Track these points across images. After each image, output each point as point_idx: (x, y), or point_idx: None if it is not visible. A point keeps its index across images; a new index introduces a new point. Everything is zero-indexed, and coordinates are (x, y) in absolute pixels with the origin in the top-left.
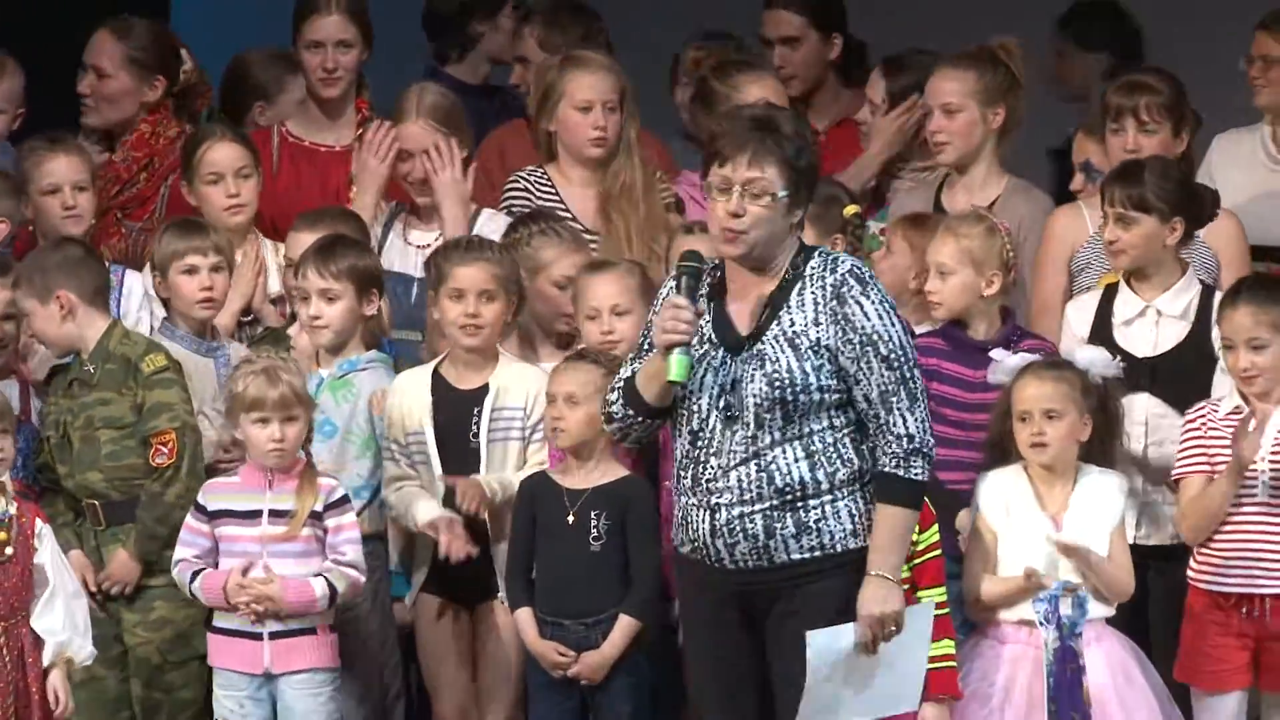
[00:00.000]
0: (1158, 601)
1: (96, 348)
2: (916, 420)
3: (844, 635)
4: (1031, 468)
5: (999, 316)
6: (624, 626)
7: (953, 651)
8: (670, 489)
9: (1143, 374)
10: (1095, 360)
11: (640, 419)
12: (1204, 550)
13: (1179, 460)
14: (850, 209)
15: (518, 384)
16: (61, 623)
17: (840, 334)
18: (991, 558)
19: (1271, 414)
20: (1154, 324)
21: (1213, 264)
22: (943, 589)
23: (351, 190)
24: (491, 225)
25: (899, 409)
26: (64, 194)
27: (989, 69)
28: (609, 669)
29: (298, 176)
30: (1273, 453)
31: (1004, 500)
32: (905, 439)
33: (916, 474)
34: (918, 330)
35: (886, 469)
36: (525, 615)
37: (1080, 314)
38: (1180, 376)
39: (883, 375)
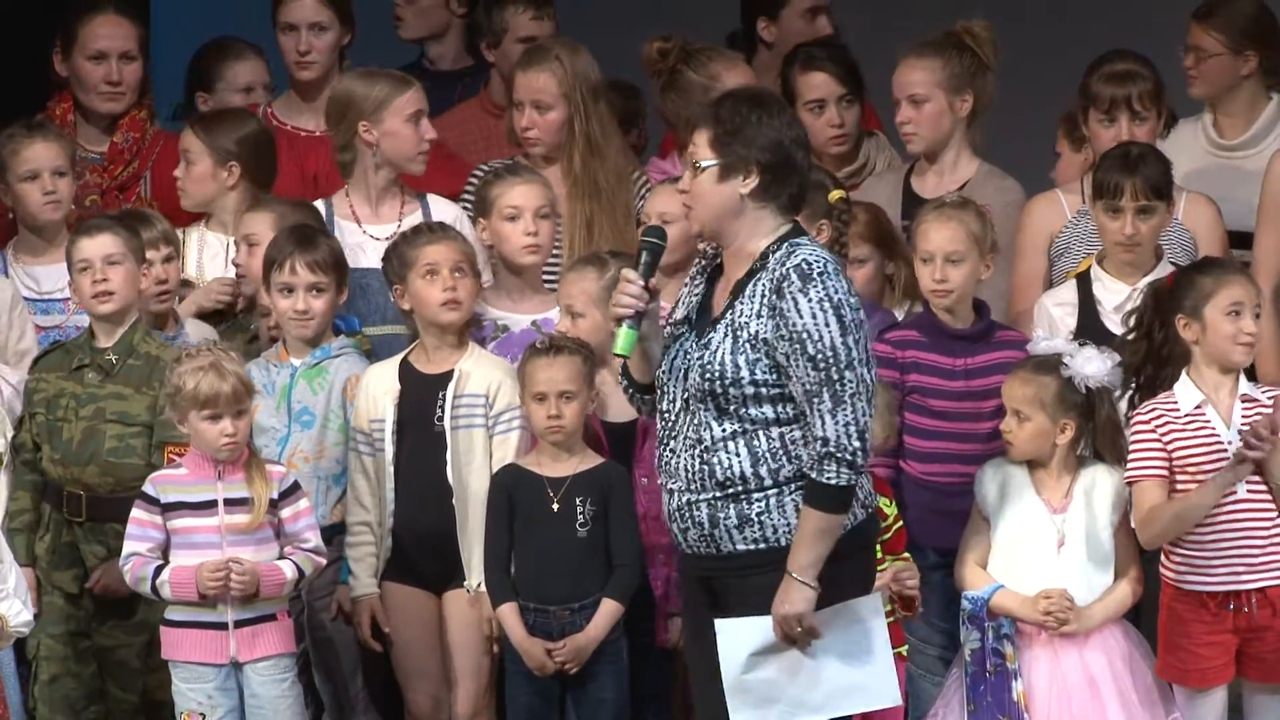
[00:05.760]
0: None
1: (120, 340)
2: (837, 424)
3: (757, 628)
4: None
5: (972, 304)
6: (608, 610)
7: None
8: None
9: None
10: (1092, 373)
11: (638, 394)
12: (1181, 550)
13: (1133, 462)
14: (835, 194)
15: (480, 372)
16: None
17: (775, 328)
18: (985, 544)
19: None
20: None
21: (1190, 247)
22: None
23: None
24: (439, 208)
25: (819, 410)
26: (43, 180)
27: (954, 56)
28: (590, 654)
29: (277, 160)
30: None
31: (1000, 488)
32: (820, 441)
33: (829, 478)
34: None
35: (805, 468)
36: (510, 611)
37: (1062, 308)
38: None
39: (807, 374)
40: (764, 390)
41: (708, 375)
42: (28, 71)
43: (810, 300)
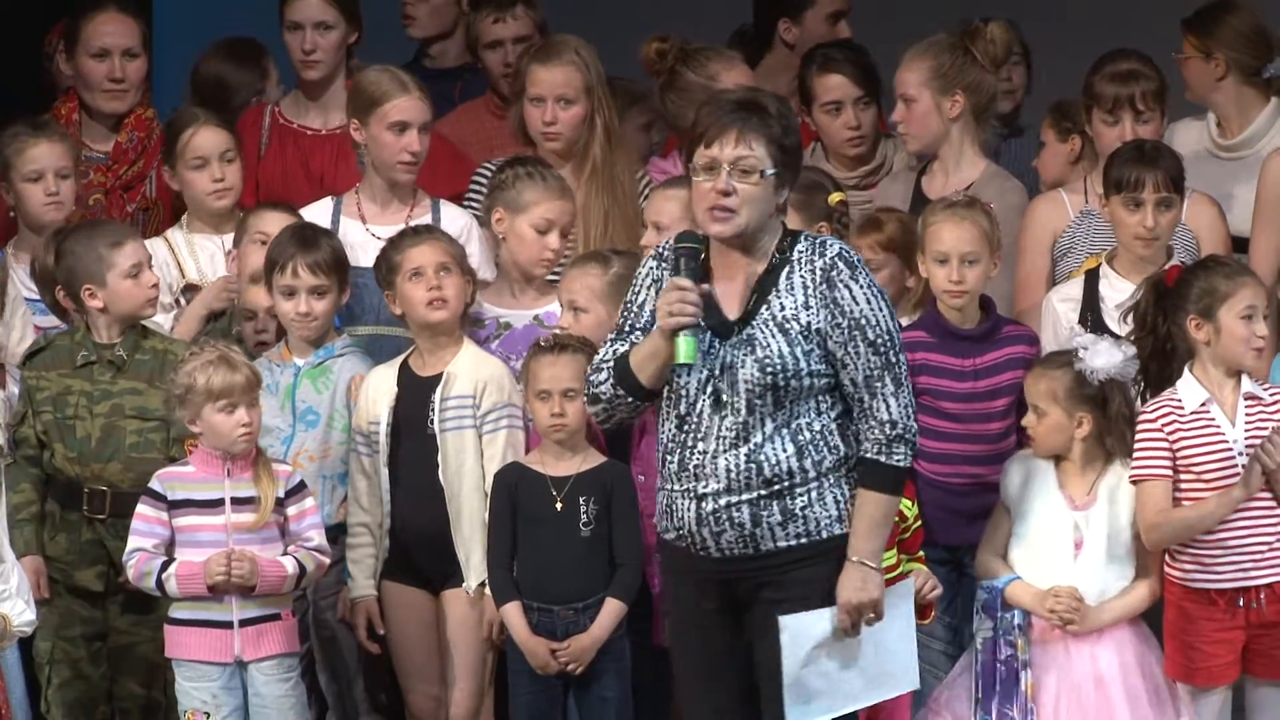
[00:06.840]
0: None
1: (126, 335)
2: (900, 406)
3: (820, 621)
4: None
5: (978, 303)
6: (611, 609)
7: None
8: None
9: None
10: (1100, 366)
11: (629, 400)
12: (1188, 549)
13: (1138, 461)
14: (835, 196)
15: (466, 373)
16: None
17: (829, 318)
18: (1004, 535)
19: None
20: None
21: (1193, 246)
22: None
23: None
24: (449, 214)
25: (883, 394)
26: (47, 180)
27: (946, 56)
28: (594, 654)
29: (283, 159)
30: (1247, 442)
31: (1024, 481)
32: (888, 424)
33: (899, 460)
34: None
35: (869, 454)
36: (515, 610)
37: (1067, 304)
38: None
39: (868, 359)
40: (816, 381)
41: (770, 370)
42: (28, 71)
43: (862, 287)
